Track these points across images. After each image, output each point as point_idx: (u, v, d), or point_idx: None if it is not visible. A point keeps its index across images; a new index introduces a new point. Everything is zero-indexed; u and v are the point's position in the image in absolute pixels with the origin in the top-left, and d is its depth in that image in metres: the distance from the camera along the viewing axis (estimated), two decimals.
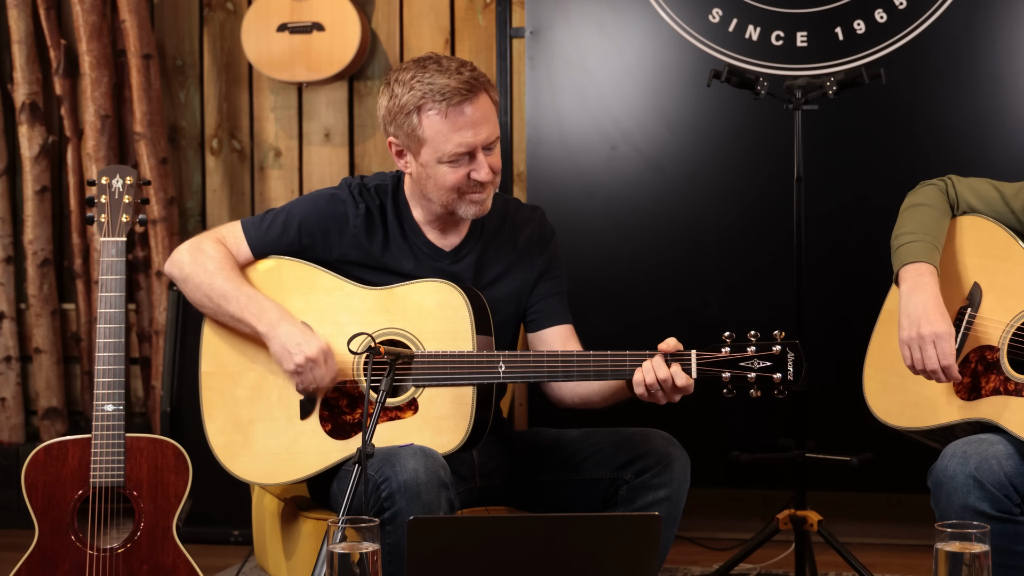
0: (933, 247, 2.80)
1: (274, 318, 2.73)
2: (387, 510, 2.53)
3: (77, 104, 4.67)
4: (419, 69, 2.72)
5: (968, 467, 2.59)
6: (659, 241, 4.17)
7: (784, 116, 3.62)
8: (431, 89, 2.69)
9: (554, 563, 2.05)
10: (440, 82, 2.69)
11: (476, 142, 2.72)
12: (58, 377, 4.72)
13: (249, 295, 2.75)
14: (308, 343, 2.68)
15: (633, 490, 2.77)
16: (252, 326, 2.74)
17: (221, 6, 4.69)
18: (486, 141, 2.73)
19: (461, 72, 2.71)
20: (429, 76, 2.70)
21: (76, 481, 2.80)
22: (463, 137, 2.71)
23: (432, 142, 2.72)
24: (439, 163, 2.73)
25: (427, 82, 2.70)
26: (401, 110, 2.72)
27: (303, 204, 2.87)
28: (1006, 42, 3.95)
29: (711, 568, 3.89)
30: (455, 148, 2.71)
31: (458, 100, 2.69)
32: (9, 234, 4.73)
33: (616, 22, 4.18)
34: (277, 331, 2.72)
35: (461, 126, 2.70)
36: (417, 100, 2.70)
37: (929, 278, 2.76)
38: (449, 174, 2.74)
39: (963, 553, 1.97)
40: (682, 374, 2.62)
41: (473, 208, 2.79)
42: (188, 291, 2.82)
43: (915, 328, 2.71)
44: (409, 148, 2.77)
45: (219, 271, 2.77)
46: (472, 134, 2.71)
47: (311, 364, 2.68)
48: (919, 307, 2.72)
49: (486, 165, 2.74)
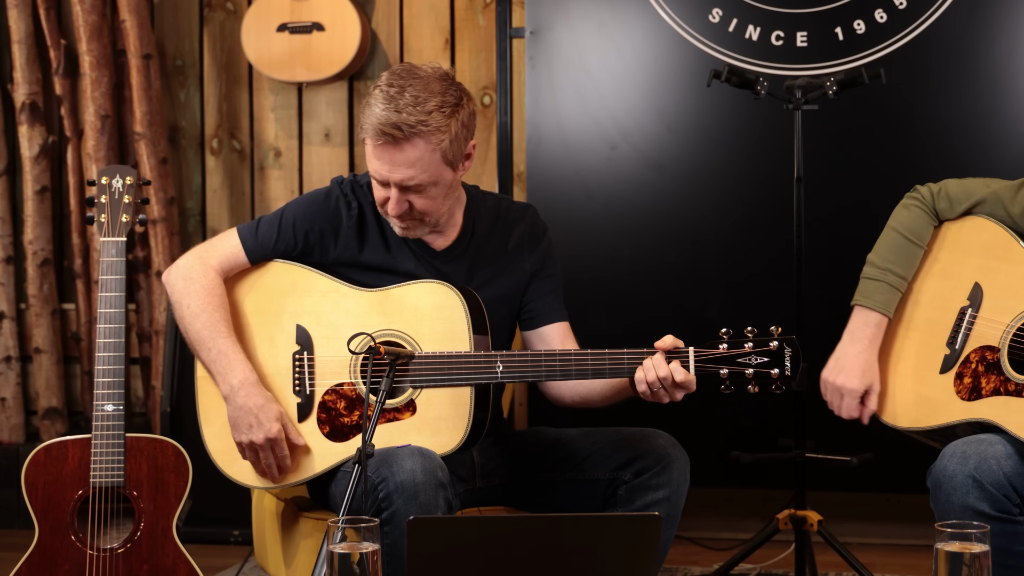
0: (893, 289, 2.87)
1: (235, 384, 2.72)
2: (385, 510, 2.53)
3: (77, 104, 4.67)
4: (383, 85, 2.71)
5: (967, 467, 2.59)
6: (659, 241, 4.17)
7: (784, 116, 3.62)
8: (365, 113, 2.69)
9: (554, 563, 2.05)
10: (373, 112, 2.67)
11: (384, 179, 2.72)
12: (58, 377, 4.72)
13: (220, 350, 2.75)
14: (258, 427, 2.69)
15: (632, 490, 2.77)
16: (216, 382, 2.76)
17: (221, 6, 4.69)
18: (398, 182, 2.71)
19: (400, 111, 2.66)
20: (374, 100, 2.68)
21: (76, 481, 2.80)
22: (373, 166, 2.72)
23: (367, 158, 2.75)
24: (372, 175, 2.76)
25: (368, 104, 2.69)
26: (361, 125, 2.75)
27: (297, 207, 2.87)
28: (1006, 42, 3.95)
29: (711, 568, 3.89)
30: (373, 173, 2.73)
31: (381, 142, 2.68)
32: (9, 234, 4.73)
33: (616, 22, 4.18)
34: (234, 399, 2.72)
35: (375, 157, 2.71)
36: (359, 116, 2.73)
37: (872, 330, 2.85)
38: (376, 189, 2.77)
39: (963, 553, 1.97)
40: (681, 370, 2.62)
41: (399, 229, 2.80)
42: (179, 322, 2.84)
43: (832, 375, 2.87)
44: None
45: (201, 311, 2.77)
46: (386, 169, 2.70)
47: (253, 447, 2.71)
48: (847, 357, 2.86)
49: (395, 200, 2.72)
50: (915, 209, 2.91)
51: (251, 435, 2.69)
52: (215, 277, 2.81)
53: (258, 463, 2.73)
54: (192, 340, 2.79)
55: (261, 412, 2.70)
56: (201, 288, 2.79)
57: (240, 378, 2.72)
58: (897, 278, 2.86)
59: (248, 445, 2.70)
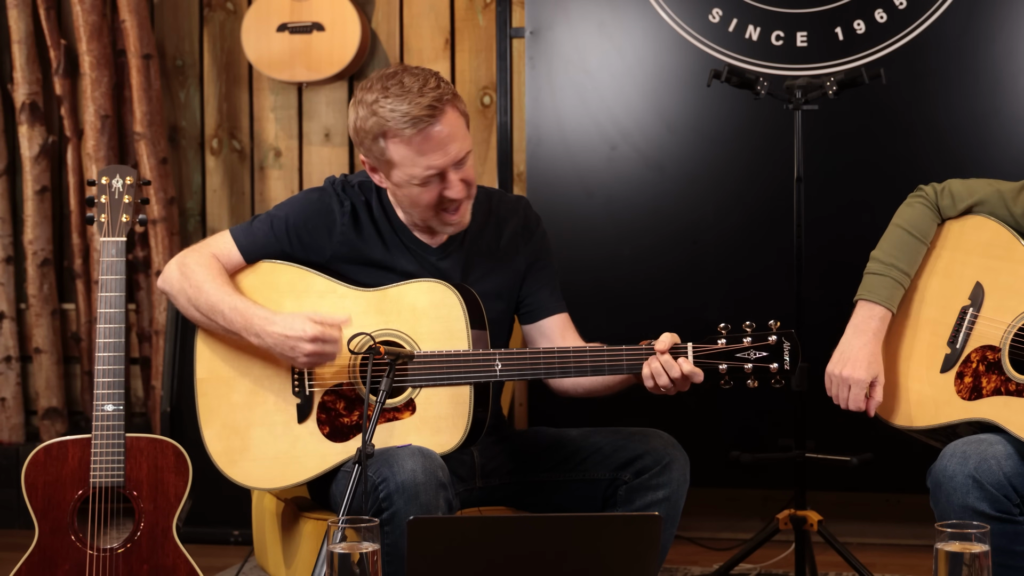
0: (897, 284, 2.86)
1: (258, 330, 2.70)
2: (385, 510, 2.53)
3: (77, 104, 4.67)
4: (382, 92, 2.67)
5: (967, 467, 2.59)
6: (659, 241, 4.17)
7: (784, 116, 3.62)
8: (392, 117, 2.65)
9: (554, 563, 2.05)
10: (402, 109, 2.64)
11: (445, 163, 2.69)
12: (58, 377, 4.72)
13: (233, 307, 2.73)
14: (298, 341, 2.66)
15: (632, 490, 2.77)
16: (243, 336, 2.74)
17: (221, 6, 4.69)
18: (455, 159, 2.70)
19: (423, 93, 2.65)
20: (391, 102, 2.65)
21: (76, 481, 2.80)
22: (431, 161, 2.68)
23: (401, 166, 2.70)
24: (412, 185, 2.71)
25: (389, 108, 2.65)
26: (367, 134, 2.70)
27: (290, 207, 2.86)
28: (1006, 42, 3.95)
29: (711, 568, 3.89)
30: (424, 172, 2.69)
31: (423, 125, 2.65)
32: (9, 234, 4.73)
33: (616, 22, 4.18)
34: (266, 341, 2.69)
35: (428, 151, 2.67)
36: (381, 127, 2.67)
37: (877, 323, 2.84)
38: (423, 194, 2.72)
39: (963, 553, 1.97)
40: (688, 363, 2.63)
41: (450, 227, 2.79)
42: (181, 306, 2.82)
43: (838, 367, 2.83)
44: (380, 168, 2.75)
45: (206, 282, 2.76)
46: (441, 156, 2.68)
47: (312, 356, 2.67)
48: (852, 349, 2.83)
49: (458, 183, 2.72)
50: (919, 206, 2.91)
51: (301, 350, 2.66)
52: (212, 257, 2.80)
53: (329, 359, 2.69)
54: (205, 310, 2.75)
55: (290, 329, 2.66)
56: (202, 267, 2.77)
57: (259, 323, 2.69)
58: (901, 274, 2.86)
59: (309, 357, 2.67)
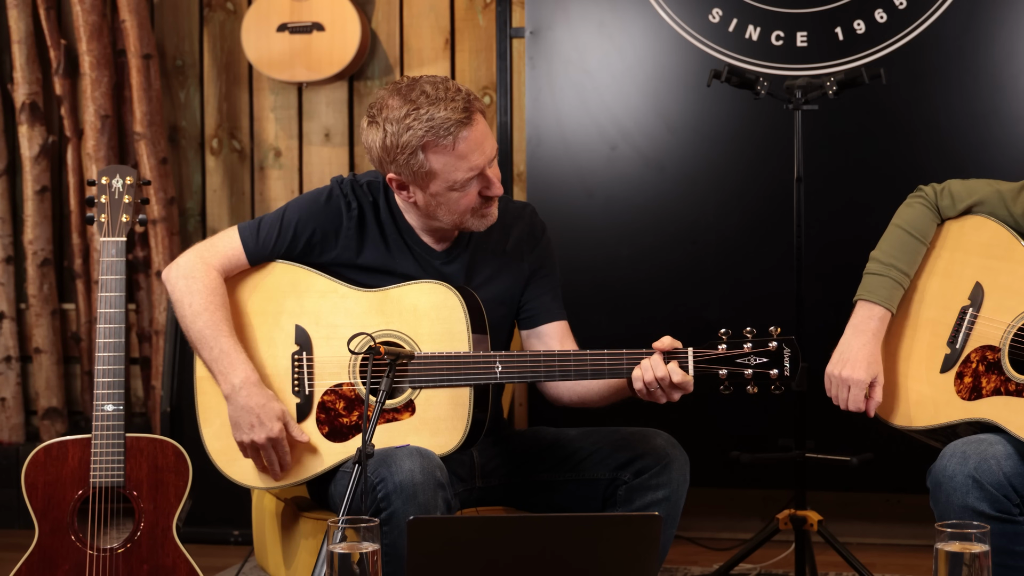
0: (896, 284, 2.86)
1: (237, 383, 2.71)
2: (384, 511, 2.53)
3: (77, 104, 4.67)
4: (409, 104, 2.67)
5: (967, 467, 2.59)
6: (659, 241, 4.17)
7: (784, 116, 3.62)
8: (432, 126, 2.65)
9: (554, 563, 2.05)
10: (440, 116, 2.65)
11: (484, 162, 2.71)
12: (58, 377, 4.72)
13: (222, 349, 2.74)
14: (260, 426, 2.69)
15: (632, 490, 2.77)
16: (217, 382, 2.75)
17: (221, 6, 4.69)
18: (491, 156, 2.73)
19: (453, 98, 2.67)
20: (427, 111, 2.65)
21: (76, 481, 2.80)
22: (472, 162, 2.70)
23: (442, 175, 2.70)
24: (451, 191, 2.72)
25: (426, 119, 2.65)
26: (403, 150, 2.68)
27: (298, 207, 2.86)
28: (1006, 42, 3.95)
29: (711, 568, 3.89)
30: (467, 175, 2.70)
31: (464, 129, 2.66)
32: (9, 234, 4.73)
33: (616, 22, 4.18)
34: (236, 398, 2.71)
35: (468, 153, 2.69)
36: (420, 139, 2.66)
37: (876, 323, 2.84)
38: (462, 199, 2.74)
39: (963, 553, 1.97)
40: (679, 371, 2.62)
41: (484, 222, 2.80)
42: (176, 313, 2.83)
43: (838, 368, 2.83)
44: (415, 183, 2.74)
45: (203, 310, 2.76)
46: (479, 155, 2.70)
47: (255, 446, 2.70)
48: (851, 350, 2.83)
49: (496, 180, 2.75)
50: (918, 206, 2.91)
51: (253, 435, 2.69)
52: (216, 277, 2.81)
53: (259, 461, 2.73)
54: (193, 339, 2.78)
55: (263, 411, 2.69)
56: (203, 287, 2.78)
57: (242, 377, 2.72)
58: (900, 274, 2.86)
59: (250, 444, 2.70)
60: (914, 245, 2.88)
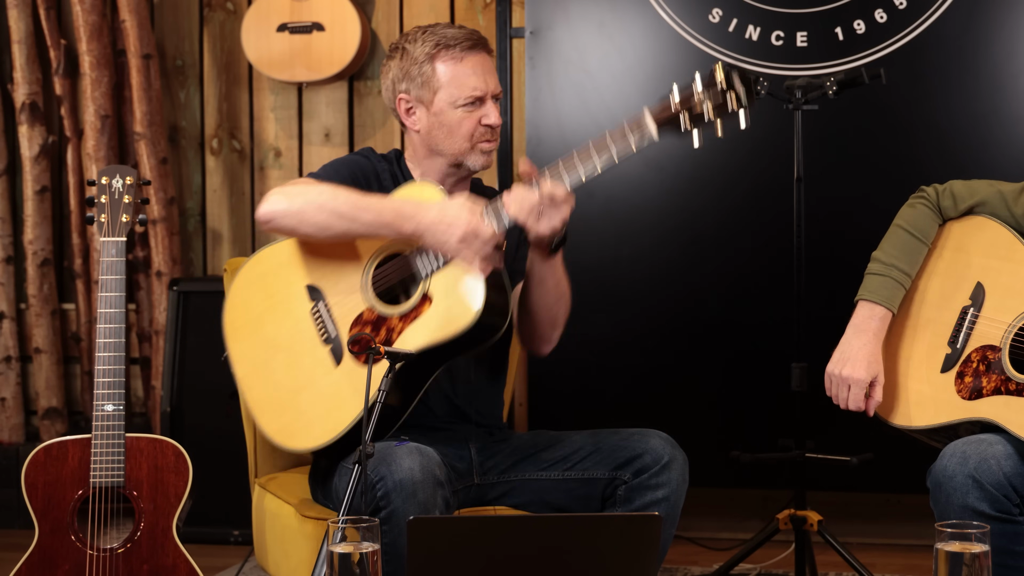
0: (897, 285, 2.87)
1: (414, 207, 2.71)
2: (383, 509, 2.53)
3: (77, 104, 4.67)
4: (426, 28, 2.88)
5: (967, 467, 2.59)
6: (659, 241, 4.17)
7: (784, 116, 3.62)
8: (443, 38, 2.84)
9: (554, 563, 2.05)
10: (451, 32, 2.85)
11: (487, 91, 2.84)
12: (58, 377, 4.72)
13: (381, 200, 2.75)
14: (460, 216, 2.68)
15: (631, 490, 2.77)
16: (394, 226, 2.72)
17: (221, 6, 4.69)
18: (494, 91, 2.87)
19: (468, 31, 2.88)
20: (440, 28, 2.87)
21: (76, 481, 2.80)
22: (476, 82, 2.84)
23: (447, 87, 2.84)
24: (454, 108, 2.83)
25: (439, 33, 2.85)
26: (415, 62, 2.84)
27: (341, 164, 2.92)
28: (1006, 42, 3.95)
29: (711, 568, 3.89)
30: (471, 92, 2.83)
31: (469, 46, 2.84)
32: (9, 234, 4.73)
33: (616, 22, 4.18)
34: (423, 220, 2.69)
35: (472, 73, 2.84)
36: (431, 49, 2.84)
37: (877, 323, 2.85)
38: (464, 120, 2.84)
39: (963, 553, 1.97)
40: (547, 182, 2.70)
41: (482, 159, 2.88)
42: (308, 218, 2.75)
43: (838, 367, 2.84)
44: (422, 100, 2.86)
45: (334, 191, 2.77)
46: (483, 82, 2.84)
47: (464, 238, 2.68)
48: (852, 349, 2.84)
49: (495, 111, 2.86)
50: (920, 207, 2.91)
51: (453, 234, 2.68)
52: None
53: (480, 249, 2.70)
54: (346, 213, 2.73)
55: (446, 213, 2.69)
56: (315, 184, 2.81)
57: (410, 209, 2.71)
58: (902, 274, 2.86)
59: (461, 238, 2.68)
60: (916, 245, 2.88)
